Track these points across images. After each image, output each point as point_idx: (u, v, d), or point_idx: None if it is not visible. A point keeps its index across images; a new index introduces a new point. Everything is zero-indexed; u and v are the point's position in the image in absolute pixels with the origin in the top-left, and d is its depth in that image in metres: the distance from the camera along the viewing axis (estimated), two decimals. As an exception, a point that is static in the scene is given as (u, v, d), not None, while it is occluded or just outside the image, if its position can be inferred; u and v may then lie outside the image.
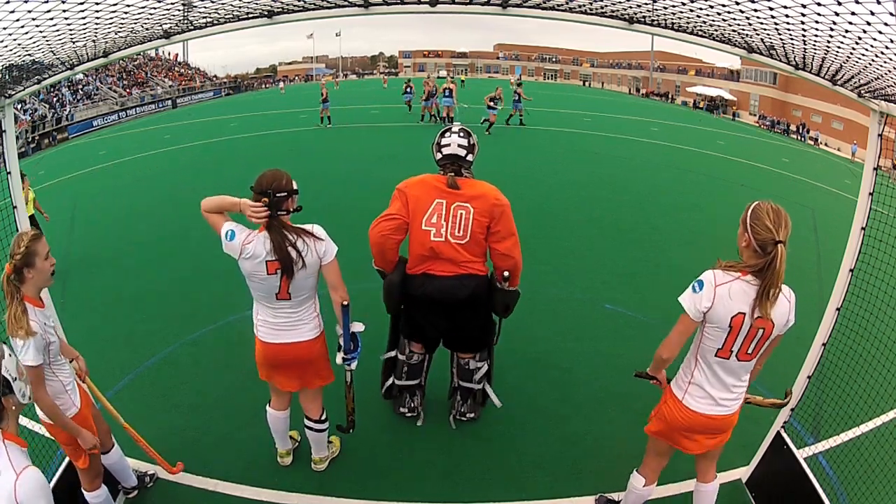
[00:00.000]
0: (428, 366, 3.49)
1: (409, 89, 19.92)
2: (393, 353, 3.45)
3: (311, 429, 2.97)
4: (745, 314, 1.97)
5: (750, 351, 2.06)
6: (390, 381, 3.52)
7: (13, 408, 1.57)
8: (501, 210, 2.92)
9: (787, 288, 2.01)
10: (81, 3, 1.90)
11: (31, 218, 6.03)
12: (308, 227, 2.48)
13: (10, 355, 1.58)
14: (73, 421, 2.29)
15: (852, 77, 2.52)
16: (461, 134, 3.03)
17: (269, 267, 2.43)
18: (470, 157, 3.04)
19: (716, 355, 2.09)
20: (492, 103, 15.89)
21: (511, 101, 17.00)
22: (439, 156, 3.04)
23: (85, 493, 2.54)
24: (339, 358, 2.70)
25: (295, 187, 2.46)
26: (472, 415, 3.55)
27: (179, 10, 2.36)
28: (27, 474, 1.43)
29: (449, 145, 3.00)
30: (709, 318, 2.02)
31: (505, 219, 2.93)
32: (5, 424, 1.53)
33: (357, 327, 2.68)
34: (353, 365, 2.76)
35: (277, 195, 2.39)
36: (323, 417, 2.96)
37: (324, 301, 2.68)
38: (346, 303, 2.57)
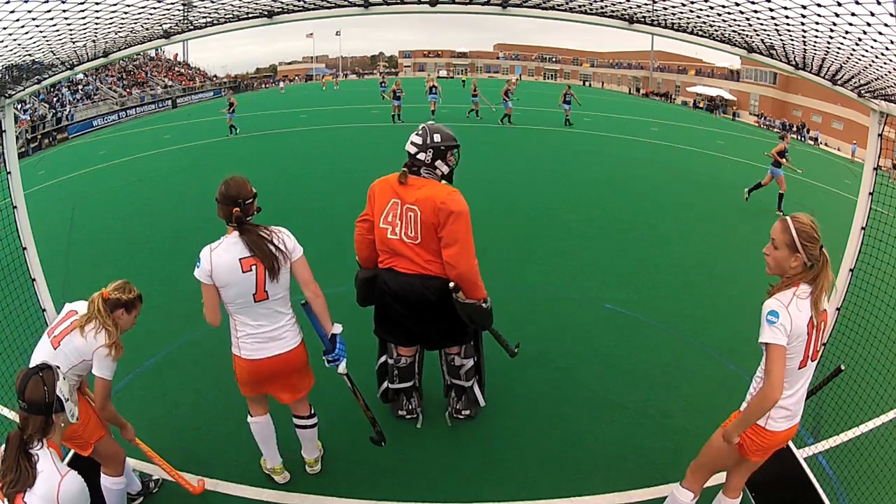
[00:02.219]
0: (420, 367, 3.49)
1: (394, 91, 17.42)
2: (383, 359, 3.45)
3: (302, 427, 2.95)
4: (812, 316, 2.03)
5: (818, 348, 2.13)
6: (385, 385, 3.51)
7: (62, 424, 1.74)
8: (447, 214, 2.81)
9: None
10: (81, 3, 1.90)
11: None
12: (274, 227, 2.53)
13: (64, 378, 1.77)
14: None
15: (852, 77, 2.53)
16: (418, 132, 2.98)
17: (244, 265, 2.41)
18: (422, 157, 2.94)
19: (798, 368, 2.10)
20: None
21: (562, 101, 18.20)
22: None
23: (109, 477, 2.60)
24: (325, 361, 2.72)
25: (255, 191, 2.52)
26: (468, 412, 3.54)
27: (179, 10, 2.36)
28: (70, 477, 1.63)
29: (407, 143, 3.01)
30: (790, 337, 2.03)
31: (451, 224, 2.81)
32: (51, 436, 1.71)
33: (335, 329, 2.69)
34: (341, 367, 2.73)
35: (246, 202, 2.45)
36: (312, 412, 2.95)
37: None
38: (303, 302, 2.58)
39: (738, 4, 1.96)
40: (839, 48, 2.13)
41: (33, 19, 1.91)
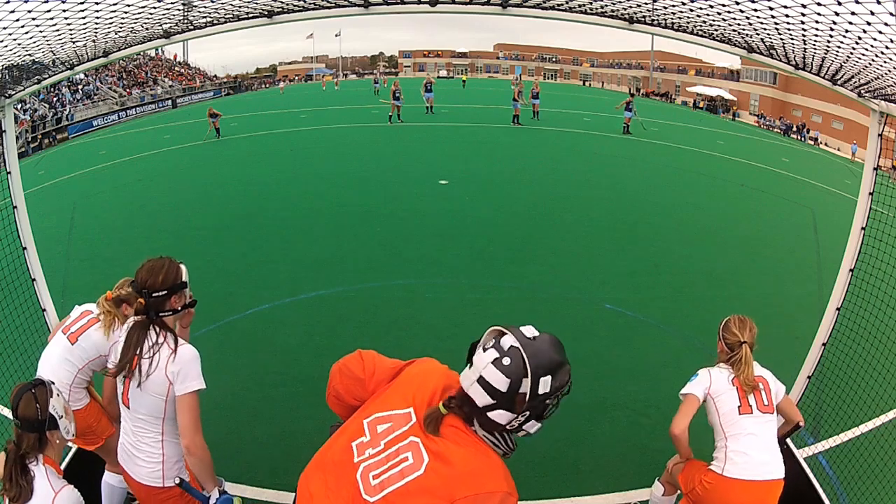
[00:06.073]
0: None
1: (393, 92, 17.01)
2: None
3: None
4: (735, 376, 2.30)
5: (766, 403, 2.29)
6: None
7: (57, 441, 1.72)
8: None
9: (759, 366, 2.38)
10: (81, 3, 1.90)
11: None
12: (182, 342, 1.96)
13: (58, 395, 1.75)
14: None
15: (852, 77, 2.53)
16: (505, 359, 1.28)
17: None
18: (496, 416, 1.30)
19: (740, 413, 2.26)
20: None
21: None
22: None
23: (114, 474, 2.59)
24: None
25: (182, 279, 2.00)
26: None
27: (179, 10, 2.36)
28: (64, 493, 1.61)
29: (471, 365, 1.33)
30: (714, 392, 2.31)
31: None
32: (47, 452, 1.70)
33: (213, 492, 1.96)
34: None
35: (153, 295, 1.91)
36: None
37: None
38: (177, 480, 1.91)
39: (738, 3, 1.96)
40: (839, 47, 2.13)
41: (33, 19, 1.91)
